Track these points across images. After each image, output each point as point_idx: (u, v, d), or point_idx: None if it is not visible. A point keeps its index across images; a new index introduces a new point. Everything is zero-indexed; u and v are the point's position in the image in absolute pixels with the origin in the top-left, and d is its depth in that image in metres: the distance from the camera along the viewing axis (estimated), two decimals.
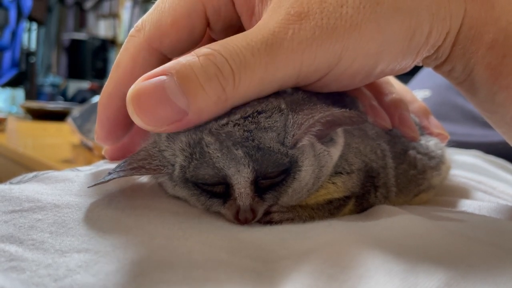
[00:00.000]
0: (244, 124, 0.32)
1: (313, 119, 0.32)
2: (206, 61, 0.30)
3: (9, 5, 4.49)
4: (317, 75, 0.34)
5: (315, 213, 0.37)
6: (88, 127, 1.34)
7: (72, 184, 0.37)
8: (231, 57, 0.30)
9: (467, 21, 0.35)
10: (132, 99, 0.30)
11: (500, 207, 0.44)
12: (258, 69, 0.31)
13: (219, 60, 0.30)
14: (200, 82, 0.30)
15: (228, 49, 0.31)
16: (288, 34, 0.31)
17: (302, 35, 0.31)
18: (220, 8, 0.37)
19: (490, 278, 0.25)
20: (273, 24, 0.32)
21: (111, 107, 0.38)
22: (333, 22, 0.32)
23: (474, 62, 0.36)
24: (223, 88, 0.30)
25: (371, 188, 0.40)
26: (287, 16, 0.32)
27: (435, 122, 0.52)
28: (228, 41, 0.31)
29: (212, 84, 0.30)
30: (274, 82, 0.33)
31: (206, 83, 0.30)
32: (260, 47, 0.31)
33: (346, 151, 0.38)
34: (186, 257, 0.28)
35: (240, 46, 0.31)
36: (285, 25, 0.32)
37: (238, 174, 0.32)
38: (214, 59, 0.30)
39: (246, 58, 0.31)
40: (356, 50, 0.32)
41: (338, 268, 0.26)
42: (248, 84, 0.31)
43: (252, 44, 0.31)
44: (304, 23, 0.32)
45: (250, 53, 0.31)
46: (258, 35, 0.31)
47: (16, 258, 0.27)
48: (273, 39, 0.31)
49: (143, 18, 0.38)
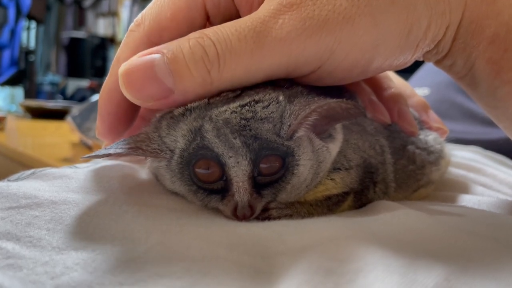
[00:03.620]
0: (241, 112, 0.32)
1: (310, 108, 0.32)
2: (194, 43, 0.32)
3: (8, 4, 4.49)
4: (309, 67, 0.34)
5: (314, 209, 0.37)
6: (88, 126, 1.34)
7: (69, 180, 0.37)
8: (218, 41, 0.31)
9: (467, 15, 0.35)
10: (123, 73, 0.32)
11: (500, 201, 0.44)
12: (244, 55, 0.32)
13: (206, 44, 0.31)
14: (186, 63, 0.31)
15: (217, 33, 0.32)
16: (278, 23, 0.32)
17: (291, 25, 0.32)
18: (220, 2, 0.37)
19: (490, 272, 0.25)
20: (263, 12, 0.32)
21: (112, 102, 0.38)
22: (325, 14, 0.31)
23: (475, 56, 0.36)
24: (208, 71, 0.32)
25: (370, 184, 0.40)
26: (278, 6, 0.32)
27: (434, 117, 0.52)
28: (219, 27, 0.32)
29: (198, 66, 0.31)
30: (261, 70, 0.33)
31: (192, 65, 0.31)
32: (247, 33, 0.31)
33: (344, 147, 0.38)
34: (184, 253, 0.28)
35: (228, 32, 0.32)
36: (275, 15, 0.32)
37: (237, 167, 0.32)
38: (202, 42, 0.32)
39: (232, 43, 0.31)
40: (349, 44, 0.32)
41: (336, 262, 0.26)
42: (234, 69, 0.32)
43: (240, 30, 0.32)
44: (295, 13, 0.32)
45: (237, 38, 0.31)
46: (247, 22, 0.32)
47: (13, 256, 0.27)
48: (261, 27, 0.32)
49: (142, 12, 0.38)
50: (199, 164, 0.33)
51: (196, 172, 0.33)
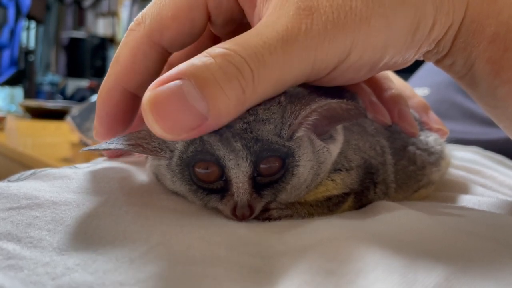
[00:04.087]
0: (244, 116, 0.32)
1: (310, 108, 0.32)
2: (224, 62, 0.28)
3: (8, 4, 4.49)
4: (326, 70, 0.33)
5: (314, 209, 0.37)
6: (87, 126, 1.34)
7: (70, 181, 0.37)
8: (249, 56, 0.29)
9: (469, 14, 0.35)
10: (150, 106, 0.28)
11: (500, 202, 0.44)
12: (276, 68, 0.30)
13: (237, 60, 0.29)
14: (220, 85, 0.28)
15: (245, 48, 0.29)
16: (302, 29, 0.30)
17: (315, 30, 0.30)
18: (222, 1, 0.36)
19: (490, 273, 0.25)
20: (285, 19, 0.31)
21: (111, 102, 0.38)
22: (343, 16, 0.31)
23: (475, 56, 0.36)
24: (243, 90, 0.29)
25: (370, 185, 0.40)
26: (297, 10, 0.31)
27: (435, 118, 0.52)
28: (242, 40, 0.30)
29: (233, 85, 0.28)
30: (289, 80, 0.31)
31: (226, 85, 0.28)
32: (276, 44, 0.29)
33: (345, 148, 0.38)
34: (184, 253, 0.28)
35: (257, 45, 0.29)
36: (297, 20, 0.30)
37: (237, 168, 0.32)
38: (232, 59, 0.29)
39: (264, 57, 0.29)
40: (364, 44, 0.32)
41: (336, 263, 0.26)
42: (267, 84, 0.30)
43: (269, 42, 0.29)
44: (316, 17, 0.31)
45: (268, 51, 0.29)
46: (273, 32, 0.30)
47: (14, 256, 0.27)
48: (288, 36, 0.30)
49: (143, 11, 0.37)
50: (198, 164, 0.33)
51: (196, 172, 0.33)
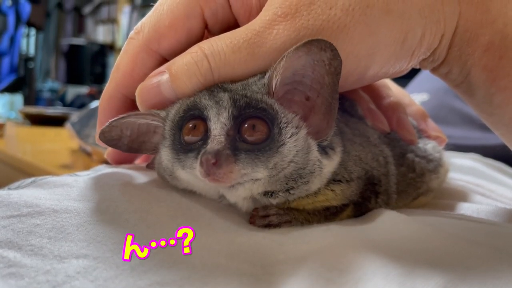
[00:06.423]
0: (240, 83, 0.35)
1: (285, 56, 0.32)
2: (188, 59, 0.34)
3: (8, 11, 4.51)
4: None
5: (311, 217, 0.37)
6: (87, 132, 1.34)
7: (70, 189, 0.37)
8: (212, 54, 0.34)
9: (462, 23, 0.35)
10: (138, 92, 0.37)
11: (498, 210, 0.44)
12: (238, 66, 0.34)
13: (199, 58, 0.34)
14: (183, 79, 0.35)
15: (212, 46, 0.34)
16: (272, 33, 0.33)
17: (285, 35, 0.32)
18: (218, 10, 0.37)
19: (488, 280, 0.25)
20: (258, 23, 0.33)
21: (112, 108, 0.39)
22: (319, 23, 0.32)
23: (471, 64, 0.36)
24: (202, 84, 0.35)
25: (371, 195, 0.39)
26: (273, 16, 0.33)
27: (433, 125, 0.52)
28: (216, 39, 0.34)
29: (192, 80, 0.35)
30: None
31: (188, 80, 0.35)
32: (241, 45, 0.33)
33: (345, 159, 0.37)
34: (184, 261, 0.28)
35: (223, 44, 0.33)
36: (270, 25, 0.33)
37: (217, 118, 0.33)
38: (195, 57, 0.34)
39: (227, 55, 0.33)
40: (344, 52, 0.32)
41: (336, 271, 0.26)
42: (230, 77, 0.34)
43: (235, 42, 0.33)
44: (289, 23, 0.33)
45: (231, 50, 0.33)
46: (242, 33, 0.33)
47: (15, 264, 0.27)
48: (256, 38, 0.33)
49: (142, 20, 0.38)
50: (186, 125, 0.35)
51: (183, 134, 0.35)
